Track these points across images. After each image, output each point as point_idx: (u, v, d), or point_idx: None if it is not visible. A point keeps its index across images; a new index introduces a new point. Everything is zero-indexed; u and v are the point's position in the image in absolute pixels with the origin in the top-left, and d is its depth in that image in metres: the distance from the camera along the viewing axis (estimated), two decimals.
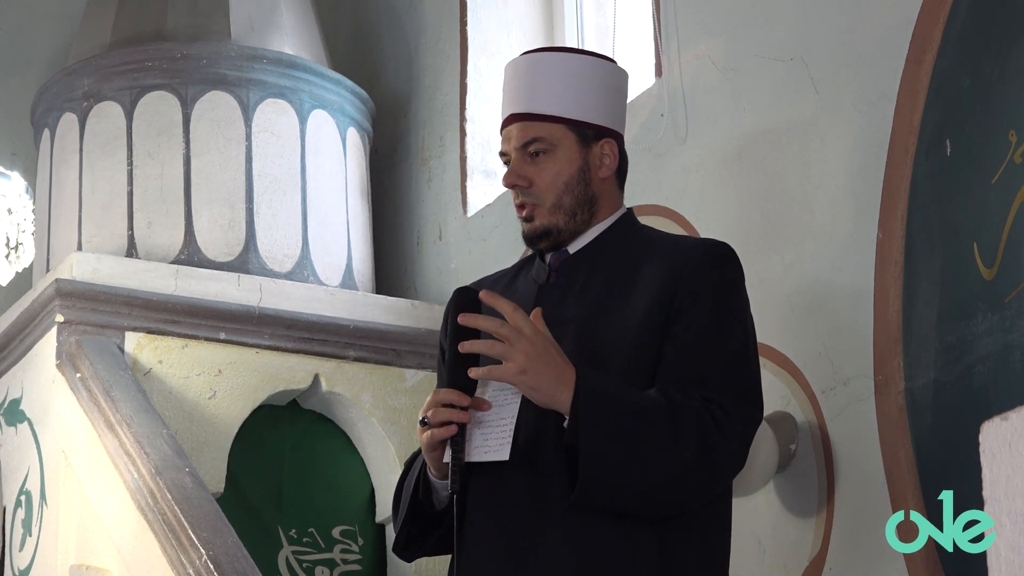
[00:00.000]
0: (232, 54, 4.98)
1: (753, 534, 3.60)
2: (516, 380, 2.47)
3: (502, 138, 2.77)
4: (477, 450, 2.51)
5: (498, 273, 2.89)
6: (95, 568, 4.24)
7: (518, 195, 2.71)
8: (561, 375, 2.47)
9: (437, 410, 2.50)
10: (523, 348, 2.45)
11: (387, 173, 5.37)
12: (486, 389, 2.54)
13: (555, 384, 2.46)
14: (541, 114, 2.72)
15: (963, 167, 3.19)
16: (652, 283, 2.63)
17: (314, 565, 4.65)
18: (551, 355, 2.47)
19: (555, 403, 2.48)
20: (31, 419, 4.59)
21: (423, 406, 2.55)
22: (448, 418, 2.49)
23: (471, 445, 2.50)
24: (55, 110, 5.06)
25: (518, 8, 5.07)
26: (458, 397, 2.50)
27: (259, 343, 4.66)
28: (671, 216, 4.02)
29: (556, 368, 2.46)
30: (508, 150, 2.74)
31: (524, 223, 2.72)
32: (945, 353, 3.16)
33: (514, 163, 2.72)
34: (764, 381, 2.77)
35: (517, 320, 2.47)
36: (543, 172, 2.71)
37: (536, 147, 2.71)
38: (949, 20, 3.27)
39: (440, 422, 2.49)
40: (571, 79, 2.76)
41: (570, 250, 2.73)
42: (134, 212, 4.86)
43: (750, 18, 3.89)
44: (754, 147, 3.82)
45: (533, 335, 2.46)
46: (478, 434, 2.51)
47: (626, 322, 2.62)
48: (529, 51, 2.88)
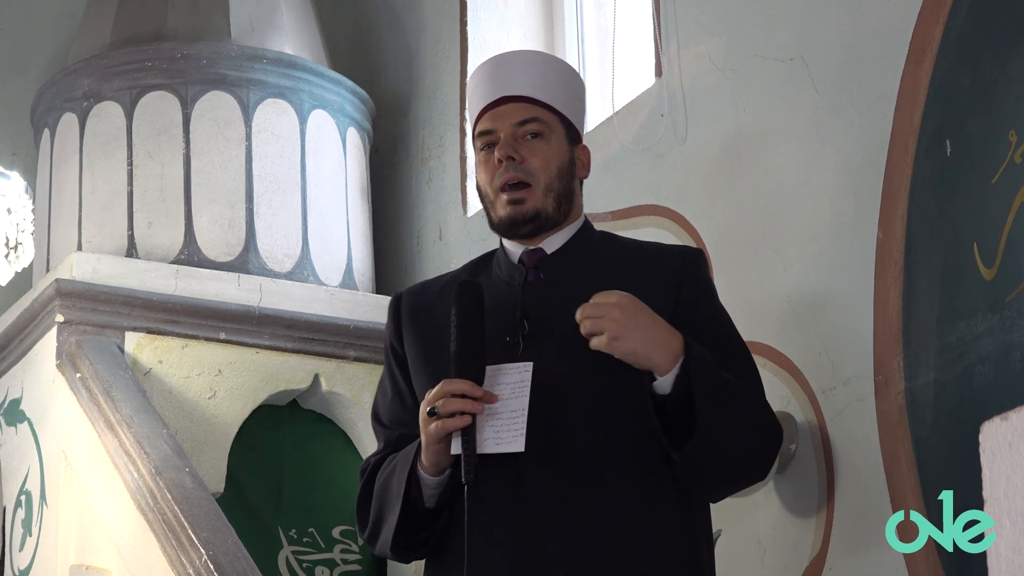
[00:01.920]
0: (232, 54, 4.98)
1: (753, 534, 3.60)
2: (611, 348, 2.50)
3: (485, 118, 2.73)
4: (488, 442, 2.48)
5: (447, 275, 2.86)
6: (95, 568, 4.24)
7: (509, 170, 2.66)
8: (656, 337, 2.51)
9: (448, 400, 2.47)
10: (614, 316, 2.49)
11: (387, 173, 5.37)
12: (491, 382, 2.53)
13: (650, 347, 2.50)
14: (540, 100, 2.73)
15: (963, 167, 3.19)
16: (648, 289, 2.64)
17: (314, 565, 4.65)
18: (642, 320, 2.51)
19: (652, 366, 2.52)
20: (31, 419, 4.59)
21: (427, 397, 2.52)
22: (461, 408, 2.47)
23: (481, 437, 2.48)
24: (55, 110, 5.06)
25: (518, 8, 5.07)
26: (471, 388, 2.48)
27: (259, 343, 4.67)
28: (671, 216, 4.01)
29: (649, 331, 2.51)
30: (498, 127, 2.70)
31: (511, 206, 2.67)
32: (945, 353, 3.16)
33: (507, 138, 2.69)
34: (764, 381, 2.80)
35: (603, 295, 2.52)
36: (538, 153, 2.70)
37: (534, 127, 2.70)
38: (949, 20, 3.27)
39: (451, 412, 2.47)
40: (565, 80, 2.80)
41: (547, 249, 2.72)
42: (134, 212, 4.86)
43: (750, 18, 3.89)
44: (754, 147, 3.82)
45: (622, 301, 2.51)
46: (488, 426, 2.49)
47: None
48: (517, 51, 2.91)
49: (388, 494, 2.63)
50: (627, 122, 4.25)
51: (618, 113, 4.29)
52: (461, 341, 2.52)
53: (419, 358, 2.70)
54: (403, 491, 2.57)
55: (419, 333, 2.73)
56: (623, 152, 4.23)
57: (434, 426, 2.49)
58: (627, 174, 4.22)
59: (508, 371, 2.53)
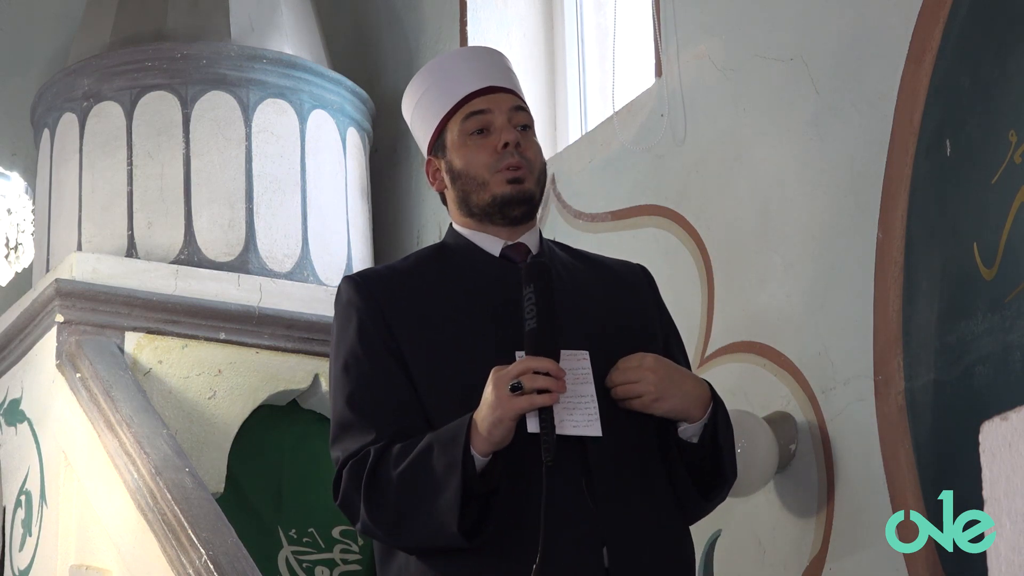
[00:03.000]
0: (232, 54, 4.98)
1: (753, 534, 3.60)
2: (652, 409, 2.59)
3: (478, 100, 2.70)
4: (565, 423, 2.48)
5: (407, 262, 2.79)
6: (95, 568, 4.24)
7: (515, 155, 2.66)
8: (690, 392, 2.62)
9: (532, 377, 2.44)
10: (650, 380, 2.57)
11: (387, 173, 5.37)
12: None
13: (688, 402, 2.61)
14: (524, 101, 2.75)
15: (963, 167, 3.19)
16: (647, 307, 2.75)
17: (314, 565, 4.65)
18: (675, 377, 2.61)
19: (687, 417, 2.62)
20: (31, 419, 4.59)
21: (505, 374, 2.46)
22: (545, 386, 2.45)
23: (557, 419, 2.47)
24: (55, 110, 5.06)
25: (518, 8, 5.07)
26: (556, 367, 2.46)
27: (259, 343, 4.67)
28: (671, 216, 4.02)
29: (683, 386, 2.61)
30: (494, 110, 2.68)
31: (512, 184, 2.65)
32: (945, 353, 3.16)
33: (507, 125, 2.68)
34: (764, 381, 2.82)
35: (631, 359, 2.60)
36: (532, 145, 2.71)
37: (524, 119, 2.71)
38: (949, 20, 3.27)
39: (537, 389, 2.45)
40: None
41: (528, 245, 2.70)
42: (134, 212, 4.86)
43: (750, 18, 3.89)
44: (754, 147, 3.81)
45: (654, 363, 2.59)
46: (559, 408, 2.48)
47: (627, 321, 2.70)
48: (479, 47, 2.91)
49: (429, 477, 2.50)
50: (627, 122, 4.25)
51: (618, 113, 4.29)
52: (541, 321, 2.48)
53: (428, 344, 2.63)
54: (460, 469, 2.46)
55: (423, 317, 2.64)
56: (623, 152, 4.23)
57: (525, 400, 2.44)
58: (627, 174, 4.22)
59: (566, 358, 2.52)
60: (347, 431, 2.61)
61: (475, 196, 2.68)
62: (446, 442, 2.50)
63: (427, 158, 2.76)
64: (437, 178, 2.75)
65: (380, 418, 2.60)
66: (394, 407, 2.60)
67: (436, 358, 2.61)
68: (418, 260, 2.76)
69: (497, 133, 2.67)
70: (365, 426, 2.60)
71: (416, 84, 2.81)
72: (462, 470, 2.46)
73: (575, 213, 4.38)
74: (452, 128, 2.71)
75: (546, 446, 2.42)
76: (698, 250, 3.93)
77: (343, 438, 2.61)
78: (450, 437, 2.50)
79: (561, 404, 2.48)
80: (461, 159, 2.69)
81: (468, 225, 2.71)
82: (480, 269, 2.68)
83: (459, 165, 2.70)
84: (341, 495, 2.59)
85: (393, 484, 2.53)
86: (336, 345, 2.68)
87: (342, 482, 2.58)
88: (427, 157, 2.76)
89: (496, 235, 2.69)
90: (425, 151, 2.77)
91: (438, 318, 2.63)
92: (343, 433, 2.62)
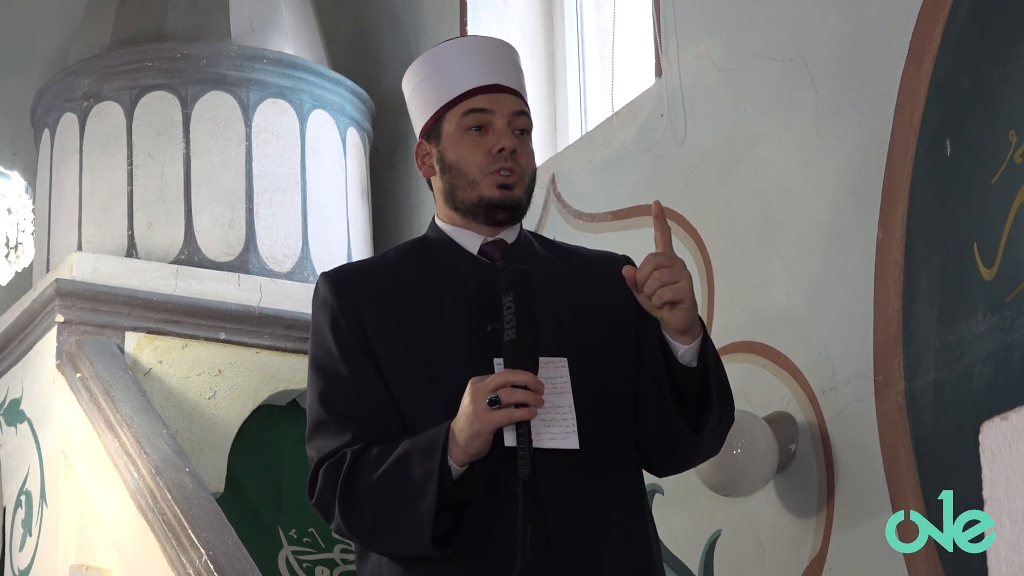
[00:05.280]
0: (232, 54, 4.98)
1: (753, 534, 3.60)
2: (675, 313, 2.50)
3: (480, 97, 2.67)
4: (542, 436, 2.46)
5: (384, 258, 2.76)
6: (95, 568, 4.24)
7: (509, 161, 2.62)
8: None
9: (510, 391, 2.41)
10: (688, 281, 2.49)
11: (387, 173, 5.37)
12: None
13: (695, 312, 2.53)
14: (527, 104, 2.72)
15: (963, 167, 3.19)
16: (607, 289, 2.65)
17: (314, 565, 4.65)
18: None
19: (689, 331, 2.53)
20: (31, 419, 4.59)
21: (483, 386, 2.43)
22: (524, 400, 2.41)
23: (534, 431, 2.44)
24: (55, 110, 5.07)
25: (518, 8, 5.07)
26: (534, 381, 2.43)
27: (259, 343, 4.67)
28: (671, 216, 4.01)
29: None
30: (496, 111, 2.65)
31: (501, 190, 2.62)
32: (945, 353, 3.16)
33: (506, 129, 2.64)
34: (764, 381, 2.80)
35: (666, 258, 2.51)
36: (526, 152, 2.67)
37: (523, 123, 2.68)
38: (949, 20, 3.27)
39: (515, 403, 2.41)
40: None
41: (507, 239, 2.68)
42: (134, 212, 4.86)
43: (750, 18, 3.89)
44: (754, 147, 3.82)
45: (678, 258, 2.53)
46: (537, 421, 2.45)
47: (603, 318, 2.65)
48: (493, 39, 2.87)
49: (405, 486, 2.50)
50: (627, 122, 4.25)
51: (618, 113, 4.29)
52: (521, 331, 2.45)
53: (403, 345, 2.61)
54: (436, 479, 2.45)
55: (398, 317, 2.62)
56: (623, 152, 4.23)
57: (503, 414, 2.41)
58: (627, 174, 4.22)
59: (544, 365, 2.49)
60: (321, 430, 2.60)
61: (462, 192, 2.66)
62: (423, 451, 2.49)
63: (419, 140, 2.74)
64: (426, 163, 2.72)
65: (355, 419, 2.58)
66: (369, 408, 2.58)
67: (410, 359, 2.59)
68: (397, 255, 2.74)
69: (495, 135, 2.65)
70: (340, 426, 2.58)
71: (423, 63, 2.75)
72: (438, 480, 2.45)
73: (575, 213, 4.38)
74: (451, 119, 2.68)
75: (523, 460, 2.40)
76: (698, 250, 3.93)
77: (317, 437, 2.60)
78: (427, 446, 2.49)
79: (539, 416, 2.45)
80: (454, 152, 2.67)
81: (451, 219, 2.69)
82: (457, 266, 2.66)
83: (451, 158, 2.68)
84: (316, 495, 2.57)
85: (369, 490, 2.52)
86: (312, 343, 2.67)
87: (318, 482, 2.56)
88: (419, 140, 2.74)
89: (477, 231, 2.67)
90: (418, 133, 2.74)
91: (413, 318, 2.61)
92: (317, 432, 2.60)
